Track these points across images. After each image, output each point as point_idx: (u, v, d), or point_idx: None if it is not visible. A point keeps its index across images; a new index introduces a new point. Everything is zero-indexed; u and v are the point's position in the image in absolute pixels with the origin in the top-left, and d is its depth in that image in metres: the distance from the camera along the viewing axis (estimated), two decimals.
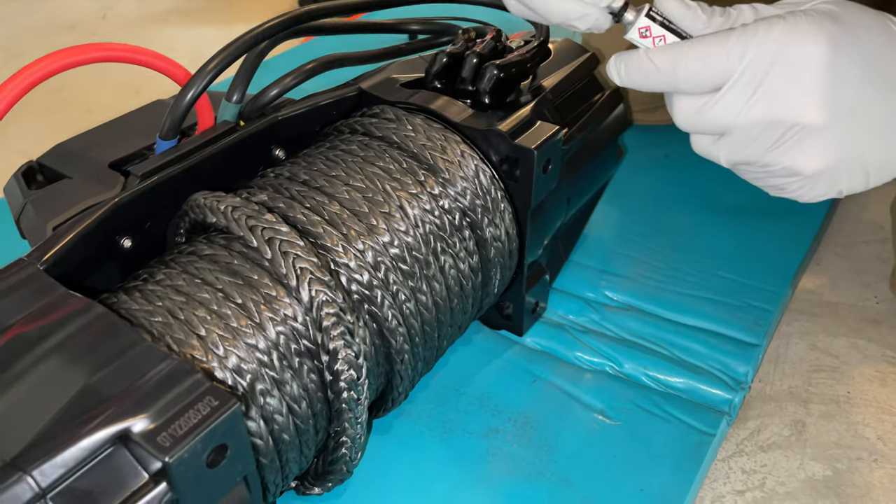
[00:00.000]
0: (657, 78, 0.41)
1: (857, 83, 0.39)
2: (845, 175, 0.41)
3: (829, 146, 0.39)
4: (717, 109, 0.40)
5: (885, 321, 0.66)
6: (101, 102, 1.14)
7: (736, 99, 0.40)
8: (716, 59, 0.39)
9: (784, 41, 0.39)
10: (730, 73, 0.39)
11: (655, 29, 0.42)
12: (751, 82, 0.39)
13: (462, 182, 0.51)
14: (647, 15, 0.42)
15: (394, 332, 0.46)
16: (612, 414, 0.55)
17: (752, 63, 0.39)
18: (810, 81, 0.39)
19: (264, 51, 0.54)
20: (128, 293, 0.41)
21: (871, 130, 0.40)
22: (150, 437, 0.31)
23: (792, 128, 0.39)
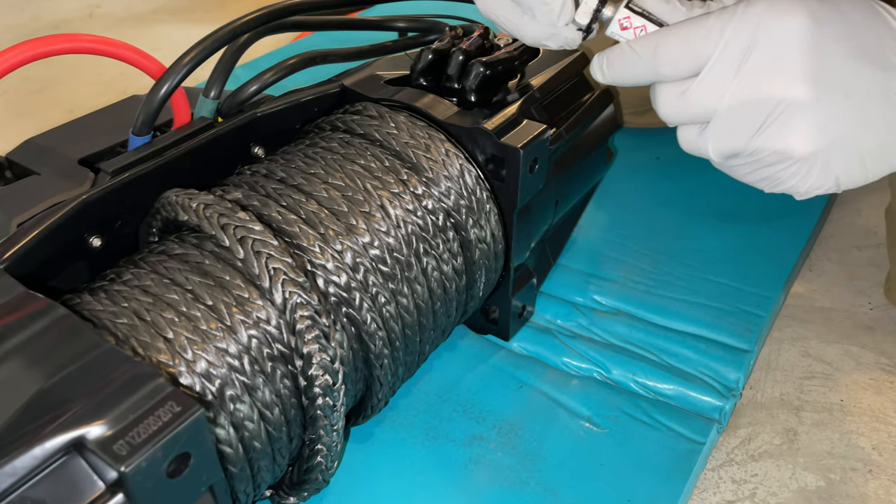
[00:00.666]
0: (639, 67, 0.41)
1: (844, 58, 0.38)
2: (839, 160, 0.39)
3: (817, 124, 0.38)
4: (700, 92, 0.39)
5: (880, 328, 0.65)
6: (85, 103, 1.12)
7: (718, 79, 0.39)
8: (695, 39, 0.39)
9: (764, 17, 0.38)
10: (710, 52, 0.38)
11: (636, 20, 0.41)
12: (732, 61, 0.38)
13: (446, 181, 0.49)
14: (626, 6, 0.41)
15: (373, 335, 0.44)
16: (600, 421, 0.53)
17: (732, 41, 0.38)
18: (793, 56, 0.37)
19: (244, 45, 0.53)
20: (92, 294, 0.39)
21: (861, 110, 0.38)
22: (106, 445, 0.29)
23: (778, 105, 0.38)
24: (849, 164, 0.39)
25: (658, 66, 0.40)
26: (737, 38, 0.38)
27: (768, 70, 0.38)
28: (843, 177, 0.39)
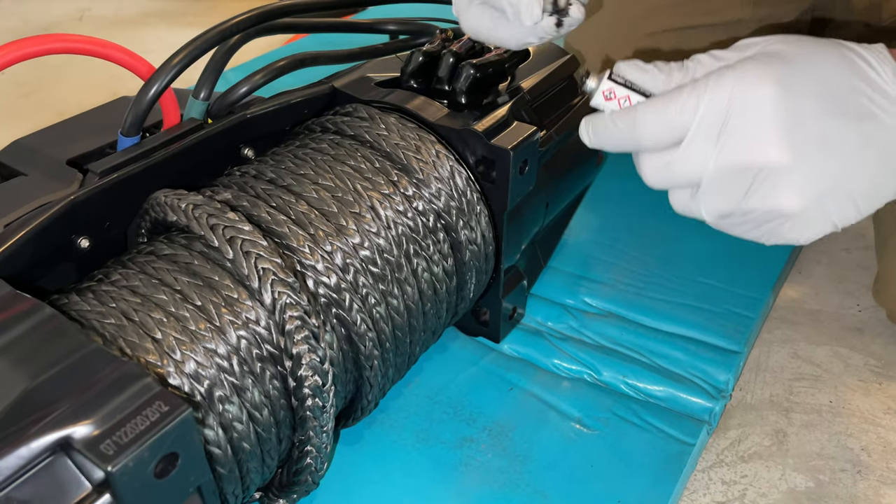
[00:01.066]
0: (621, 138, 0.42)
1: (817, 118, 0.39)
2: (833, 207, 0.40)
3: (802, 182, 0.39)
4: (683, 164, 0.41)
5: (868, 329, 0.65)
6: (75, 105, 1.11)
7: (698, 150, 0.40)
8: (671, 113, 0.40)
9: (735, 89, 0.39)
10: (687, 125, 0.40)
11: (618, 90, 0.43)
12: (709, 132, 0.39)
13: (437, 183, 0.50)
14: (609, 78, 0.43)
15: (363, 336, 0.44)
16: (590, 423, 0.53)
17: (707, 114, 0.39)
18: (767, 124, 0.39)
19: (234, 47, 0.53)
20: (80, 294, 0.39)
21: (843, 161, 0.39)
22: (93, 445, 0.29)
23: (760, 172, 0.39)
24: (842, 209, 0.40)
25: (638, 139, 0.41)
26: (711, 111, 0.39)
27: (745, 139, 0.39)
28: (839, 220, 0.40)
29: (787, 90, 0.39)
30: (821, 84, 0.39)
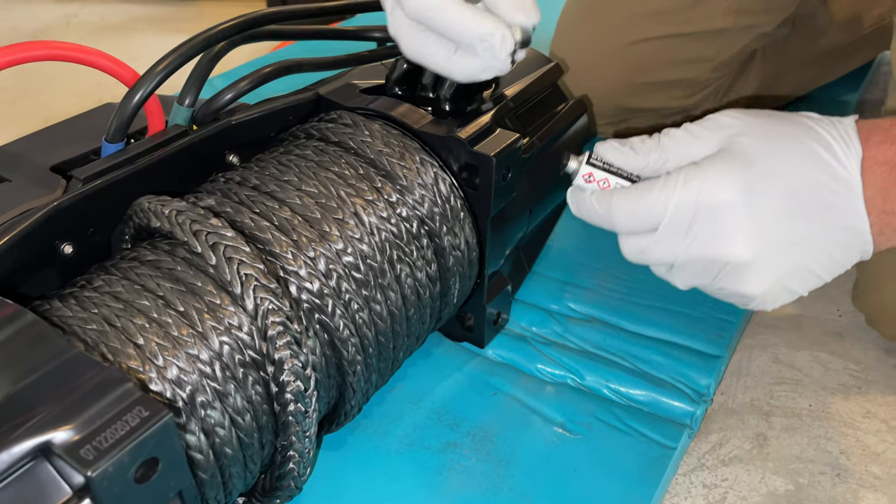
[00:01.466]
0: (599, 220, 0.46)
1: (779, 218, 0.42)
2: (796, 284, 0.44)
3: (766, 273, 0.43)
4: (656, 252, 0.45)
5: (848, 335, 0.66)
6: (62, 112, 1.11)
7: (669, 242, 0.44)
8: (643, 208, 0.44)
9: (702, 191, 0.42)
10: (658, 220, 0.44)
11: (597, 174, 0.46)
12: (678, 229, 0.43)
13: (420, 189, 0.50)
14: (587, 162, 0.46)
15: (345, 342, 0.44)
16: (573, 427, 0.54)
17: (676, 213, 0.43)
18: (730, 225, 0.42)
19: (219, 53, 0.53)
20: (62, 300, 0.39)
21: (804, 250, 0.43)
22: (73, 450, 0.29)
23: (725, 265, 0.43)
24: (805, 283, 0.44)
25: (614, 225, 0.46)
26: (679, 209, 0.43)
27: (710, 238, 0.43)
28: (803, 291, 0.45)
29: (750, 194, 0.42)
30: (783, 184, 0.42)
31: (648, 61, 0.82)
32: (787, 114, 0.45)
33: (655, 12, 0.79)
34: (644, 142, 0.46)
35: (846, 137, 0.42)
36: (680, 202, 0.42)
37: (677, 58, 0.81)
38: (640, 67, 0.82)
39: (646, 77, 0.82)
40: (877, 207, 0.42)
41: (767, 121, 0.44)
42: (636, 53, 0.81)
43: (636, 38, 0.80)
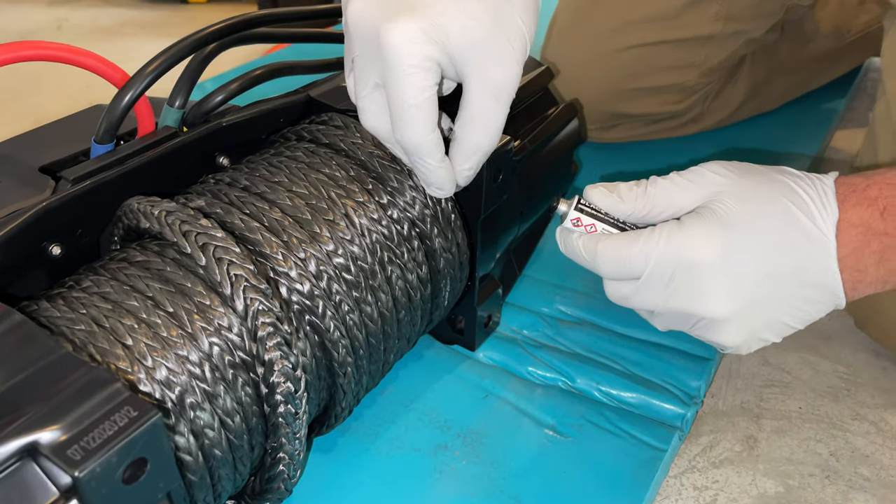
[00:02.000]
0: (584, 263, 0.49)
1: (755, 279, 0.44)
2: (770, 334, 0.47)
3: (740, 328, 0.45)
4: (637, 300, 0.48)
5: (837, 337, 0.66)
6: (51, 114, 1.11)
7: (650, 294, 0.47)
8: (626, 259, 0.46)
9: (682, 249, 0.44)
10: (640, 271, 0.46)
11: (585, 219, 0.48)
12: (658, 284, 0.46)
13: (411, 191, 0.50)
14: (576, 208, 0.48)
15: (336, 343, 0.44)
16: (564, 429, 0.54)
17: (657, 268, 0.45)
18: (707, 284, 0.44)
19: (210, 55, 0.53)
20: (50, 300, 0.39)
21: (778, 307, 0.45)
22: (60, 450, 0.29)
23: (702, 318, 0.46)
24: (780, 332, 0.47)
25: (599, 270, 0.48)
26: (660, 264, 0.45)
27: (688, 294, 0.45)
28: (777, 339, 0.47)
29: (728, 256, 0.44)
30: (760, 247, 0.44)
31: (638, 67, 0.82)
32: (770, 170, 0.47)
33: (645, 19, 0.80)
34: (631, 189, 0.48)
35: (824, 199, 0.44)
36: (661, 257, 0.45)
37: (666, 64, 0.82)
38: (629, 73, 0.82)
39: (635, 83, 0.83)
40: (850, 266, 0.44)
41: (749, 179, 0.46)
42: (626, 59, 0.82)
43: (626, 44, 0.81)
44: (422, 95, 0.42)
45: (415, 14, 0.41)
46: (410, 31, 0.41)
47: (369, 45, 0.43)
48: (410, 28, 0.41)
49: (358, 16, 0.43)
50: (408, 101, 0.42)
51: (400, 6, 0.42)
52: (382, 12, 0.42)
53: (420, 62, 0.41)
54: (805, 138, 0.91)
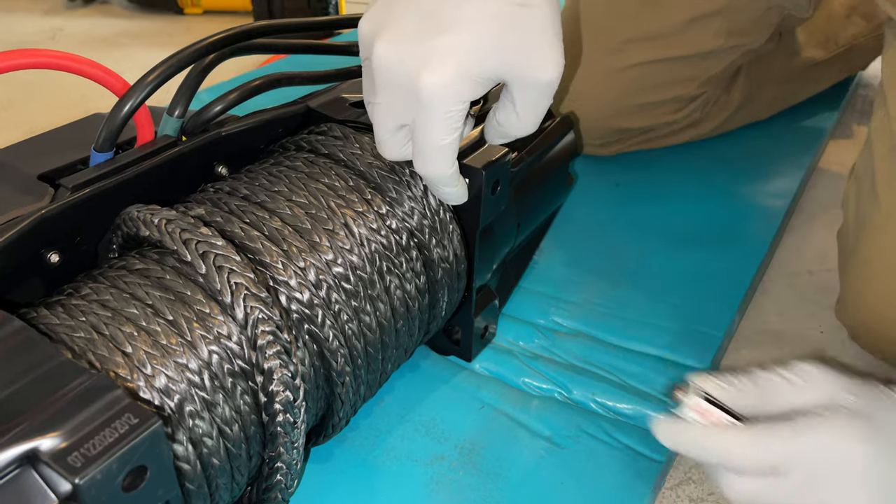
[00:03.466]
0: (706, 456, 0.44)
1: None
2: None
3: None
4: (770, 497, 0.43)
5: (829, 350, 0.67)
6: (47, 123, 1.10)
7: (787, 492, 0.42)
8: (766, 454, 0.42)
9: (828, 445, 0.42)
10: (777, 467, 0.42)
11: (707, 410, 0.45)
12: (800, 481, 0.42)
13: (410, 202, 0.50)
14: (699, 395, 0.46)
15: (335, 353, 0.44)
16: (560, 440, 0.54)
17: (801, 464, 0.42)
18: (856, 486, 0.41)
19: (209, 65, 0.53)
20: (49, 308, 0.39)
21: None
22: (60, 457, 0.29)
23: None
24: None
25: (727, 465, 0.43)
26: (803, 461, 0.42)
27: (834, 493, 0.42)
28: None
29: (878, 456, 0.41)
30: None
31: (640, 84, 0.83)
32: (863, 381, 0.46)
33: (646, 37, 0.80)
34: (744, 383, 0.46)
35: None
36: (806, 454, 0.42)
37: (667, 79, 0.83)
38: (631, 91, 0.83)
39: (637, 99, 0.83)
40: None
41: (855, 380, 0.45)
42: (628, 78, 0.82)
43: (628, 62, 0.81)
44: (451, 136, 0.44)
45: (446, 57, 0.42)
46: (446, 78, 0.42)
47: (400, 92, 0.43)
48: (445, 74, 0.42)
49: (387, 63, 0.43)
50: (437, 143, 0.44)
51: (428, 49, 0.42)
52: (413, 59, 0.42)
53: (454, 105, 0.43)
54: (797, 151, 0.92)
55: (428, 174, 0.47)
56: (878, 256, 0.60)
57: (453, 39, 0.42)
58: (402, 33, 0.43)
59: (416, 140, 0.45)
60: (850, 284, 0.63)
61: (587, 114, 0.84)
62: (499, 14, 0.43)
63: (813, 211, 0.86)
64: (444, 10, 0.42)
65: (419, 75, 0.42)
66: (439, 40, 0.42)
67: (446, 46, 0.42)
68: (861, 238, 0.62)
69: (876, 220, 0.61)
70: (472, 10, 0.42)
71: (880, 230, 0.60)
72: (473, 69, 0.43)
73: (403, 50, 0.43)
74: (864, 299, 0.61)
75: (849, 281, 0.63)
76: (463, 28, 0.42)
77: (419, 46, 0.42)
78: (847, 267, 0.64)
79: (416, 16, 0.43)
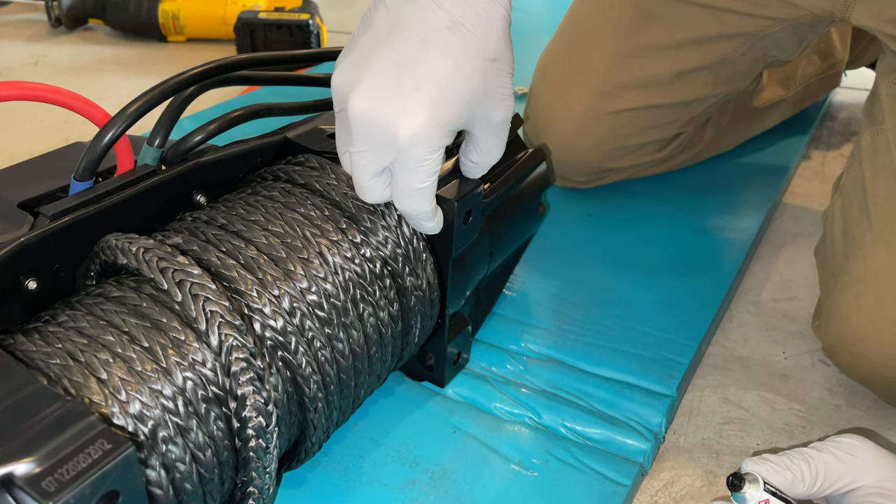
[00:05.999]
0: None
1: None
2: None
3: None
4: None
5: (793, 375, 0.69)
6: (27, 151, 1.11)
7: None
8: None
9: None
10: None
11: (772, 501, 0.46)
12: None
13: (384, 231, 0.52)
14: (764, 489, 0.46)
15: (307, 379, 0.45)
16: (529, 465, 0.55)
17: None
18: None
19: (190, 97, 0.54)
20: (26, 334, 0.39)
21: None
22: (35, 482, 0.30)
23: None
24: None
25: None
26: None
27: None
28: None
29: None
30: None
31: (628, 129, 0.85)
32: None
33: (637, 83, 0.82)
34: (797, 464, 0.47)
35: None
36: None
37: (654, 124, 0.85)
38: (618, 134, 0.85)
39: (624, 142, 0.85)
40: None
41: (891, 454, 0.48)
42: (617, 122, 0.84)
43: (618, 107, 0.83)
44: (430, 179, 0.47)
45: (421, 110, 0.44)
46: (422, 128, 0.44)
47: (378, 142, 0.46)
48: (421, 124, 0.44)
49: (364, 115, 0.45)
50: (418, 186, 0.47)
51: (405, 103, 0.44)
52: (391, 111, 0.45)
53: (431, 154, 0.46)
54: (765, 182, 0.95)
55: (409, 211, 0.49)
56: (868, 277, 0.61)
57: (430, 95, 0.45)
58: (378, 88, 0.45)
59: (398, 183, 0.48)
60: (837, 302, 0.64)
61: (574, 154, 0.86)
62: (474, 71, 0.45)
63: (778, 240, 0.89)
64: (422, 66, 0.45)
65: (396, 126, 0.44)
66: (417, 95, 0.44)
67: (423, 101, 0.45)
68: (850, 257, 0.64)
69: (867, 242, 0.62)
70: (449, 68, 0.45)
71: (871, 251, 0.62)
72: (446, 120, 0.45)
73: (380, 103, 0.45)
74: (851, 319, 0.62)
75: (835, 299, 0.64)
76: (439, 84, 0.45)
77: (397, 100, 0.45)
78: (833, 284, 0.65)
79: (393, 70, 0.45)
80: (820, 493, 0.47)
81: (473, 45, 0.45)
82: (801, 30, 0.77)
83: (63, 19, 1.61)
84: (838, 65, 1.05)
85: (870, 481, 0.46)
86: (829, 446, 0.47)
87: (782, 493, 0.46)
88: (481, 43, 0.45)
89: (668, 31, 0.79)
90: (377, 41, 0.46)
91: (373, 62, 0.45)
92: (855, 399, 0.66)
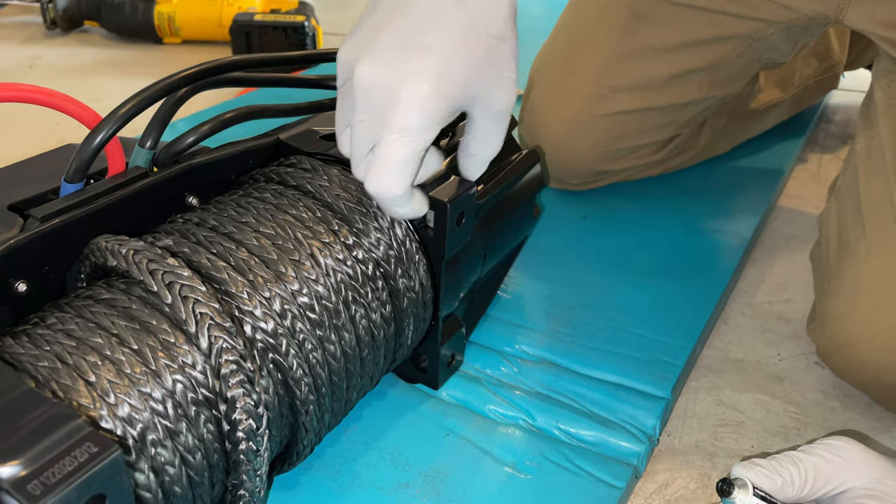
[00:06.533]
0: None
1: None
2: None
3: None
4: None
5: (788, 378, 0.69)
6: (18, 152, 1.10)
7: None
8: None
9: None
10: None
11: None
12: None
13: (376, 233, 0.51)
14: (754, 494, 0.46)
15: (298, 381, 0.45)
16: (523, 467, 0.55)
17: None
18: None
19: (182, 98, 0.54)
20: (14, 337, 0.39)
21: None
22: (21, 485, 0.29)
23: None
24: None
25: None
26: None
27: None
28: None
29: None
30: None
31: (623, 131, 0.84)
32: None
33: (632, 86, 0.81)
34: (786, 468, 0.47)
35: None
36: None
37: (649, 126, 0.85)
38: (613, 137, 0.85)
39: (618, 144, 0.85)
40: None
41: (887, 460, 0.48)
42: (612, 124, 0.83)
43: (613, 110, 0.82)
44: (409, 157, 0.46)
45: (425, 75, 0.44)
46: (424, 92, 0.44)
47: (377, 109, 0.45)
48: (424, 89, 0.44)
49: (368, 80, 0.45)
50: (395, 158, 0.45)
51: (410, 69, 0.44)
52: (396, 76, 0.44)
53: (424, 130, 0.45)
54: (760, 184, 0.95)
55: (378, 190, 0.47)
56: (862, 282, 0.61)
57: (436, 65, 0.44)
58: (385, 56, 0.45)
59: (376, 153, 0.46)
60: (831, 306, 0.64)
61: (569, 156, 0.86)
62: (480, 46, 0.45)
63: (773, 243, 0.89)
64: (429, 38, 0.45)
65: (400, 91, 0.44)
66: (423, 65, 0.44)
67: (428, 68, 0.44)
68: (844, 261, 0.64)
69: (861, 247, 0.62)
70: (455, 42, 0.45)
71: (865, 258, 0.62)
72: (450, 93, 0.45)
73: (387, 70, 0.45)
74: (845, 323, 0.62)
75: (830, 302, 0.64)
76: (445, 56, 0.45)
77: (404, 67, 0.45)
78: (828, 288, 0.65)
79: (400, 41, 0.45)
80: (810, 496, 0.47)
81: (480, 21, 0.45)
82: (795, 32, 0.77)
83: (58, 21, 1.61)
84: (836, 67, 1.05)
85: (859, 483, 0.46)
86: (817, 449, 0.47)
87: (772, 497, 0.46)
88: (488, 20, 0.46)
89: (663, 33, 0.79)
90: (384, 17, 0.46)
91: (381, 35, 0.46)
92: (850, 401, 0.66)
